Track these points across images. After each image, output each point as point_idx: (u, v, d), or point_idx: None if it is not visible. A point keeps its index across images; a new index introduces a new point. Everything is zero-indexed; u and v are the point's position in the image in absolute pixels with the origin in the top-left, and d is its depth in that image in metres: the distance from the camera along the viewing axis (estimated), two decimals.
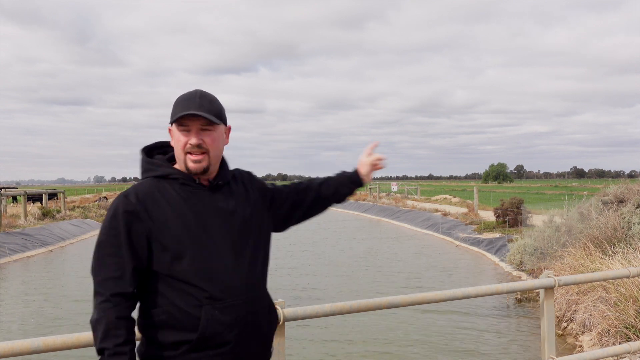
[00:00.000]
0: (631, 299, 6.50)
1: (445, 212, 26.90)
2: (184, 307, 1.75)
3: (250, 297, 1.85)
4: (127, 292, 1.75)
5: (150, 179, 1.86)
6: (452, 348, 7.88)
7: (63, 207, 28.37)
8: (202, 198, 1.85)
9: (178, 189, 1.84)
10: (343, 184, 2.18)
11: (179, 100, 1.86)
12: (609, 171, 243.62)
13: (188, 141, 1.83)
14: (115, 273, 1.74)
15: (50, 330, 9.10)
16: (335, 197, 2.19)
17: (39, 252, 18.70)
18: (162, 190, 1.83)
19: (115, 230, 1.76)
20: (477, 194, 26.64)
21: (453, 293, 3.20)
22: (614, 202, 10.71)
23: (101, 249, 1.78)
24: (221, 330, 1.76)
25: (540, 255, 11.81)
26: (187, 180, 1.85)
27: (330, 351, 7.87)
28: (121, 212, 1.77)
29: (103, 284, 1.74)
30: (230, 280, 1.81)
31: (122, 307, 1.73)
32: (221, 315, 1.77)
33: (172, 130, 1.90)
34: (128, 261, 1.75)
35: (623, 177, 59.36)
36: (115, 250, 1.75)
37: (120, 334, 1.70)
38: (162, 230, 1.77)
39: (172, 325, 1.76)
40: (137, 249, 1.76)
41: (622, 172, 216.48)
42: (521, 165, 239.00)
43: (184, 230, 1.78)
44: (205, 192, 1.87)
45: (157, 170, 1.87)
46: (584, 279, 4.08)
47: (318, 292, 11.92)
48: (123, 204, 1.78)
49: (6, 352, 2.09)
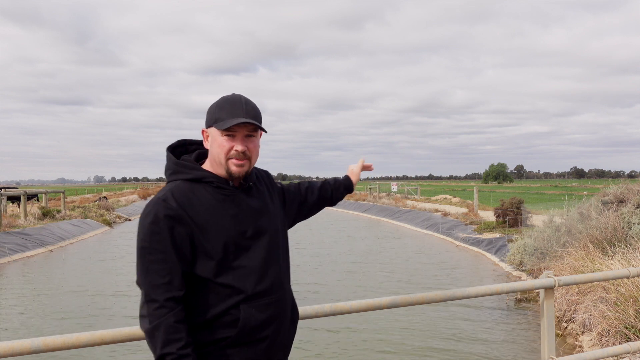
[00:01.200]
0: (631, 299, 6.50)
1: (445, 212, 26.89)
2: (223, 308, 1.78)
3: (281, 295, 1.91)
4: (179, 296, 1.75)
5: (181, 182, 1.85)
6: (452, 348, 7.88)
7: (63, 207, 28.36)
8: (236, 200, 1.87)
9: (212, 192, 1.84)
10: (338, 190, 2.35)
11: (224, 105, 1.85)
12: (608, 171, 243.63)
13: (233, 147, 1.83)
14: (164, 279, 1.73)
15: (51, 330, 9.10)
16: (330, 200, 2.34)
17: (39, 252, 18.69)
18: (198, 193, 1.82)
19: (159, 236, 1.74)
20: (477, 194, 26.64)
21: (453, 293, 3.20)
22: (614, 202, 10.71)
23: (146, 256, 1.75)
24: (258, 327, 1.81)
25: (540, 256, 11.81)
26: (222, 183, 1.86)
27: (331, 351, 7.87)
28: (162, 216, 1.75)
29: (154, 290, 1.73)
30: (266, 279, 1.86)
31: (178, 310, 1.73)
32: (258, 313, 1.81)
33: (209, 133, 1.88)
34: (176, 266, 1.75)
35: (623, 177, 59.30)
36: (162, 257, 1.74)
37: (181, 338, 1.70)
38: (203, 234, 1.78)
39: (212, 325, 1.78)
40: (183, 252, 1.76)
41: (622, 172, 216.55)
42: (521, 165, 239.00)
43: (224, 234, 1.80)
44: (238, 194, 1.88)
45: (189, 173, 1.86)
46: (584, 279, 4.08)
47: (318, 292, 11.92)
48: (164, 209, 1.76)
49: (6, 352, 2.09)
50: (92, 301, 11.28)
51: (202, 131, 1.92)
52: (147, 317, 1.73)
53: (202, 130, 1.92)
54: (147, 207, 1.80)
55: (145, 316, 1.74)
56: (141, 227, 1.78)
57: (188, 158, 1.92)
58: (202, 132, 1.92)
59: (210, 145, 1.88)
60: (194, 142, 2.02)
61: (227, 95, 1.89)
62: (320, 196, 2.29)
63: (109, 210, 32.91)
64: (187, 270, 1.78)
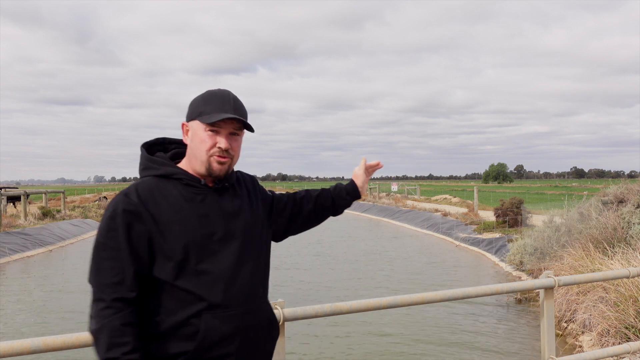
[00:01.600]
0: (631, 299, 6.50)
1: (445, 212, 26.89)
2: (184, 317, 1.65)
3: (251, 307, 1.75)
4: (129, 297, 1.62)
5: (150, 178, 1.75)
6: (452, 348, 7.88)
7: (63, 207, 28.37)
8: (207, 200, 1.75)
9: (181, 190, 1.73)
10: (340, 196, 2.15)
11: (211, 98, 1.75)
12: (608, 171, 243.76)
13: (216, 144, 1.73)
14: (115, 278, 1.62)
15: (51, 329, 9.10)
16: (332, 209, 2.16)
17: (39, 252, 18.70)
18: (164, 190, 1.72)
19: (114, 232, 1.64)
20: (477, 194, 26.65)
21: (453, 293, 3.20)
22: (613, 202, 10.71)
23: (99, 252, 1.65)
24: (221, 341, 1.67)
25: (540, 256, 11.81)
26: (192, 180, 1.75)
27: (331, 351, 7.87)
28: (121, 211, 1.65)
29: (103, 289, 1.61)
30: (232, 288, 1.71)
31: (126, 312, 1.61)
32: (221, 325, 1.67)
33: (190, 127, 1.78)
34: (128, 264, 1.63)
35: (623, 177, 59.34)
36: (114, 254, 1.63)
37: (127, 342, 1.58)
38: (164, 233, 1.66)
39: (172, 335, 1.66)
40: (138, 251, 1.65)
41: (622, 172, 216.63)
42: (521, 165, 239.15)
43: (186, 235, 1.67)
44: (210, 194, 1.76)
45: (159, 169, 1.76)
46: (583, 279, 4.08)
47: (318, 291, 11.92)
48: (123, 203, 1.66)
49: (6, 352, 2.09)
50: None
51: (182, 124, 1.80)
52: (94, 318, 1.61)
53: (182, 123, 1.81)
54: (111, 202, 1.71)
55: (93, 317, 1.61)
56: (101, 222, 1.68)
57: (162, 155, 1.83)
58: (182, 125, 1.81)
59: (190, 139, 1.77)
60: (174, 141, 1.91)
61: (214, 89, 1.79)
62: (318, 204, 2.11)
63: None
64: (143, 271, 1.65)
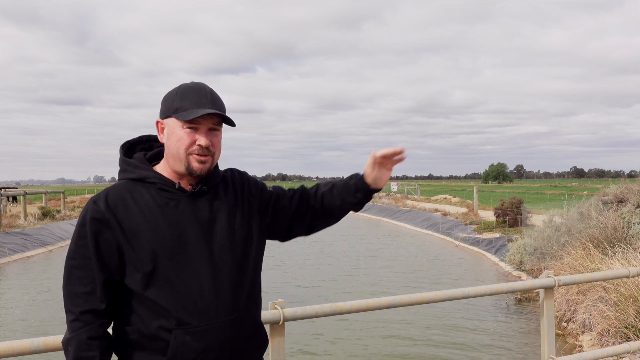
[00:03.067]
0: (631, 299, 6.50)
1: (445, 212, 26.89)
2: (154, 329, 1.57)
3: (230, 320, 1.62)
4: (99, 309, 1.56)
5: (125, 182, 1.65)
6: (452, 348, 7.88)
7: (63, 207, 28.37)
8: (181, 206, 1.62)
9: (155, 195, 1.61)
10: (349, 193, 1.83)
11: (187, 93, 1.62)
12: (608, 171, 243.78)
13: (196, 141, 1.60)
14: (84, 288, 1.55)
15: (51, 330, 9.10)
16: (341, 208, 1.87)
17: (39, 252, 18.70)
18: (136, 195, 1.61)
19: (84, 240, 1.57)
20: (477, 194, 26.64)
21: (453, 293, 3.20)
22: (613, 202, 10.71)
23: (70, 261, 1.58)
24: (193, 358, 1.57)
25: (540, 255, 11.81)
26: (166, 185, 1.63)
27: (331, 351, 7.87)
28: (89, 219, 1.57)
29: (72, 300, 1.56)
30: (206, 302, 1.59)
31: (94, 325, 1.55)
32: (193, 341, 1.56)
33: (166, 124, 1.64)
34: (98, 274, 1.55)
35: (623, 177, 59.29)
36: (84, 262, 1.56)
37: (92, 356, 1.53)
38: (132, 241, 1.57)
39: (144, 346, 1.58)
40: (107, 260, 1.57)
41: (622, 172, 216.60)
42: (521, 165, 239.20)
43: (156, 244, 1.57)
44: (185, 199, 1.63)
45: (133, 172, 1.65)
46: (583, 279, 4.08)
47: (318, 291, 11.92)
48: (91, 211, 1.58)
49: (6, 352, 2.09)
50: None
51: (157, 122, 1.67)
52: (67, 328, 1.57)
53: (156, 121, 1.67)
54: (84, 208, 1.62)
55: (66, 325, 1.58)
56: (75, 227, 1.62)
57: (139, 156, 1.70)
58: (156, 123, 1.68)
59: (167, 138, 1.64)
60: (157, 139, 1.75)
61: (188, 83, 1.66)
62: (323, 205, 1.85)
63: None
64: (113, 280, 1.58)
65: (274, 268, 14.44)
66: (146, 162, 1.69)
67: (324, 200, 1.84)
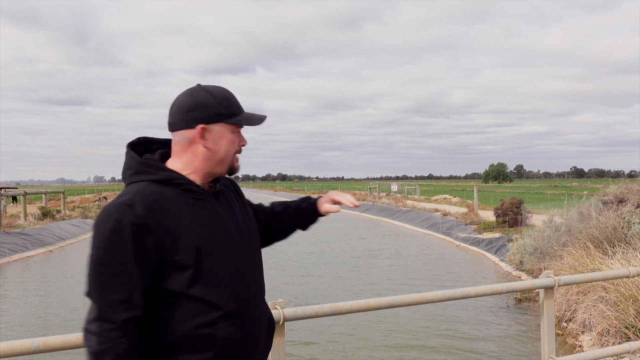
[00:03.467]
0: (631, 298, 6.50)
1: (445, 212, 26.88)
2: (197, 326, 1.57)
3: (258, 310, 1.73)
4: (138, 316, 1.52)
5: (147, 184, 1.60)
6: (452, 348, 7.88)
7: (63, 207, 28.37)
8: (207, 205, 1.65)
9: (181, 196, 1.61)
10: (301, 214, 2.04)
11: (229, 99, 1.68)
12: (608, 171, 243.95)
13: (239, 142, 1.71)
14: (122, 295, 1.50)
15: (51, 330, 9.10)
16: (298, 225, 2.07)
17: (39, 252, 18.69)
18: (166, 197, 1.59)
19: (120, 246, 1.50)
20: (477, 193, 26.64)
21: (453, 293, 3.20)
22: (613, 202, 10.71)
23: (102, 268, 1.51)
24: (236, 347, 1.62)
25: (540, 255, 11.81)
26: (192, 185, 1.64)
27: (331, 351, 7.87)
28: (128, 224, 1.50)
29: (110, 309, 1.50)
30: (241, 293, 1.67)
31: (134, 335, 1.51)
32: (236, 331, 1.62)
33: (212, 129, 1.65)
34: (138, 281, 1.51)
35: (623, 177, 59.31)
36: (121, 269, 1.50)
37: None
38: (175, 242, 1.55)
39: (184, 345, 1.58)
40: (148, 266, 1.53)
41: (622, 172, 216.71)
42: (521, 165, 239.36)
43: (196, 242, 1.58)
44: (209, 199, 1.67)
45: (156, 174, 1.62)
46: (583, 278, 4.08)
47: (318, 291, 11.92)
48: (130, 216, 1.51)
49: (6, 352, 2.09)
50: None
51: (202, 128, 1.63)
52: (97, 337, 1.49)
53: (201, 127, 1.63)
54: (107, 212, 1.54)
55: (95, 334, 1.49)
56: (99, 234, 1.52)
57: (152, 157, 1.69)
58: (201, 129, 1.63)
59: (213, 142, 1.65)
60: (157, 141, 1.77)
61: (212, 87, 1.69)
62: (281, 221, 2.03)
63: None
64: (150, 286, 1.55)
65: (274, 268, 14.43)
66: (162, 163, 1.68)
67: (280, 219, 2.02)
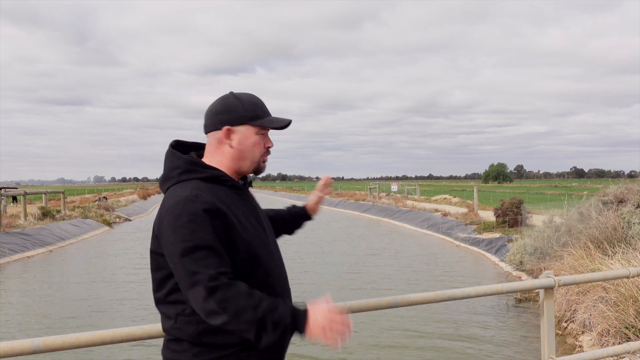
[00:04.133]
0: (631, 299, 6.50)
1: (445, 212, 26.88)
2: None
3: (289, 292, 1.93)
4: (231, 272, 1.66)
5: (197, 181, 1.74)
6: (452, 348, 7.88)
7: (63, 207, 28.36)
8: (246, 200, 1.86)
9: (227, 191, 1.78)
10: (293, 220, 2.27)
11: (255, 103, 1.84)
12: (608, 171, 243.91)
13: (266, 144, 1.86)
14: (221, 268, 1.61)
15: (51, 330, 9.10)
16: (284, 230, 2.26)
17: (39, 252, 18.69)
18: (218, 194, 1.74)
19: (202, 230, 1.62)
20: (477, 194, 26.64)
21: (453, 293, 3.19)
22: (613, 202, 10.71)
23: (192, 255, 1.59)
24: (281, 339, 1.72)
25: (540, 255, 11.81)
26: (235, 182, 1.83)
27: (330, 351, 7.87)
28: (201, 211, 1.63)
29: (215, 278, 1.57)
30: (282, 278, 1.87)
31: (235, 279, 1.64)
32: None
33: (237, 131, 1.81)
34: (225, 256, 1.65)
35: (623, 177, 59.34)
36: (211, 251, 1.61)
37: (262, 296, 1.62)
38: (235, 231, 1.70)
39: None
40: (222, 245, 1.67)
41: (622, 172, 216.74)
42: (521, 166, 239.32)
43: (250, 232, 1.76)
44: (246, 194, 1.88)
45: (204, 172, 1.77)
46: (583, 279, 4.07)
47: (318, 291, 11.92)
48: (200, 203, 1.64)
49: (6, 352, 2.09)
50: (92, 301, 11.28)
51: (227, 129, 1.80)
52: (220, 304, 1.56)
53: (226, 128, 1.80)
54: (176, 209, 1.65)
55: (218, 302, 1.56)
56: (178, 228, 1.63)
57: (193, 157, 1.84)
58: (226, 130, 1.80)
59: (239, 143, 1.81)
60: (186, 144, 1.93)
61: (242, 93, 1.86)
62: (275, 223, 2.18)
63: (109, 210, 32.91)
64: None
65: None
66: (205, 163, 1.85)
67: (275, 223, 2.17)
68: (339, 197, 47.63)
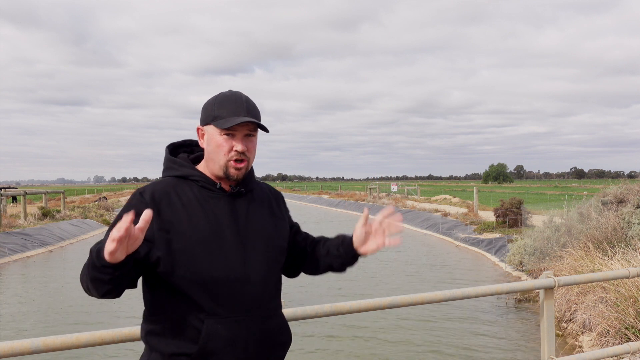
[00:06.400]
0: (631, 299, 6.50)
1: (445, 212, 26.88)
2: (185, 317, 1.66)
3: (259, 314, 1.73)
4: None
5: (170, 178, 1.79)
6: (452, 348, 7.88)
7: (63, 207, 28.35)
8: (220, 203, 1.75)
9: (196, 191, 1.74)
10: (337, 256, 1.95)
11: (224, 102, 1.75)
12: (608, 171, 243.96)
13: (233, 147, 1.73)
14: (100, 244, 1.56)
15: (51, 330, 9.10)
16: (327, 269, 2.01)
17: (39, 252, 18.68)
18: (179, 190, 1.74)
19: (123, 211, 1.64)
20: (477, 194, 26.63)
21: (453, 293, 3.20)
22: (613, 203, 10.71)
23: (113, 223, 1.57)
24: (223, 347, 1.65)
25: (540, 256, 11.81)
26: (208, 183, 1.76)
27: (330, 352, 7.87)
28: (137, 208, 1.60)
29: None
30: (238, 294, 1.69)
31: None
32: (224, 330, 1.65)
33: (205, 131, 1.78)
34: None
35: (623, 178, 59.24)
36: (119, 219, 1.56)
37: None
38: (171, 233, 1.65)
39: (174, 334, 1.66)
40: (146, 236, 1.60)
41: (621, 173, 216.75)
42: (521, 166, 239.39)
43: (194, 236, 1.67)
44: (225, 198, 1.76)
45: (178, 170, 1.79)
46: (583, 279, 4.08)
47: (318, 291, 11.91)
48: (137, 202, 1.68)
49: (6, 352, 2.09)
50: (92, 301, 11.27)
51: (198, 129, 1.81)
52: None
53: (197, 128, 1.82)
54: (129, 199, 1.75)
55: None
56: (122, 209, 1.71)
57: (184, 156, 1.86)
58: (197, 129, 1.82)
59: (206, 144, 1.79)
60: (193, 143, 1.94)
61: (225, 92, 1.80)
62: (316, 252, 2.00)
63: (108, 210, 32.92)
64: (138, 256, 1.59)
65: None
66: (190, 162, 1.84)
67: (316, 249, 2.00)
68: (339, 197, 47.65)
